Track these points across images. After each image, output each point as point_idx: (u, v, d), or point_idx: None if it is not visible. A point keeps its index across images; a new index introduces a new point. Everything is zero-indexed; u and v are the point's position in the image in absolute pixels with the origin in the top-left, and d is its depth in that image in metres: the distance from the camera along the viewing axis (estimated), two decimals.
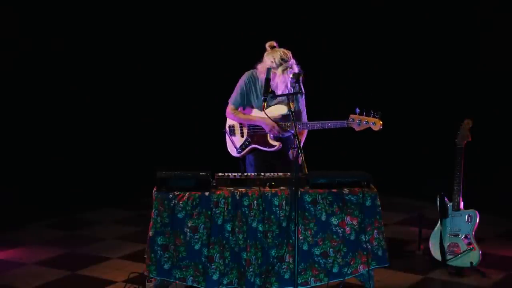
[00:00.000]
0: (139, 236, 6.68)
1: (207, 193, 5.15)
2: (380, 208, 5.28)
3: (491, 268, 5.97)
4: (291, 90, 5.53)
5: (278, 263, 5.16)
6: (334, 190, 5.23)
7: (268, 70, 5.36)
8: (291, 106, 5.37)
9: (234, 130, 5.92)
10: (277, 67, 5.61)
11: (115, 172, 8.21)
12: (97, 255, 6.38)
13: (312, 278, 5.20)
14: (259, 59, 5.70)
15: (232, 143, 5.89)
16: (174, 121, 8.61)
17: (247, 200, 5.15)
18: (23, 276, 5.87)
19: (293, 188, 4.87)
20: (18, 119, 7.64)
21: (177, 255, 5.12)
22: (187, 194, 5.14)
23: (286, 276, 5.17)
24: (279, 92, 5.54)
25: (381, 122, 5.51)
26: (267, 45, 5.75)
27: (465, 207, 5.92)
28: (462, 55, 7.75)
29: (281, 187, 5.24)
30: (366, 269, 5.23)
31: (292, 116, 5.23)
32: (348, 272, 5.23)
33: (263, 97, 5.30)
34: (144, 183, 6.18)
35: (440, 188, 6.02)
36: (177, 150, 8.50)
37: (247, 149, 5.86)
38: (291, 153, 5.31)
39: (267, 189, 5.22)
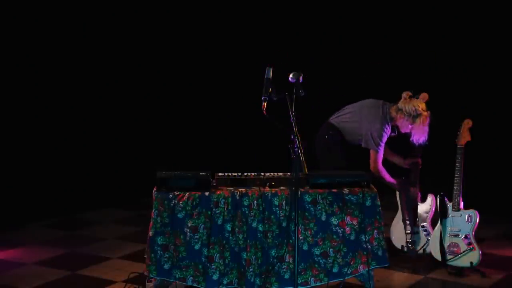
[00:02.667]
0: (139, 236, 6.68)
1: (207, 193, 5.15)
2: (380, 208, 5.28)
3: (491, 268, 5.96)
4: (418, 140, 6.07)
5: (278, 263, 5.16)
6: (334, 190, 5.23)
7: (268, 69, 5.28)
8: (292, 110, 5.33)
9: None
10: (415, 117, 5.98)
11: (115, 172, 8.21)
12: (97, 255, 6.38)
13: (312, 278, 5.20)
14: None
15: None
16: (174, 121, 8.61)
17: (247, 200, 5.15)
18: (23, 276, 5.87)
19: (293, 188, 4.86)
20: (18, 119, 7.63)
21: (177, 255, 5.12)
22: (187, 194, 5.14)
23: (286, 276, 5.17)
24: (413, 140, 6.08)
25: None
26: (404, 94, 6.08)
27: (465, 207, 5.92)
28: (461, 55, 7.74)
29: (281, 187, 5.24)
30: (366, 269, 5.24)
31: (292, 117, 5.20)
32: (348, 272, 5.23)
33: (263, 97, 5.25)
34: (144, 183, 6.19)
35: (440, 188, 6.02)
36: (177, 150, 8.49)
37: None
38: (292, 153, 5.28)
39: (267, 189, 5.22)
